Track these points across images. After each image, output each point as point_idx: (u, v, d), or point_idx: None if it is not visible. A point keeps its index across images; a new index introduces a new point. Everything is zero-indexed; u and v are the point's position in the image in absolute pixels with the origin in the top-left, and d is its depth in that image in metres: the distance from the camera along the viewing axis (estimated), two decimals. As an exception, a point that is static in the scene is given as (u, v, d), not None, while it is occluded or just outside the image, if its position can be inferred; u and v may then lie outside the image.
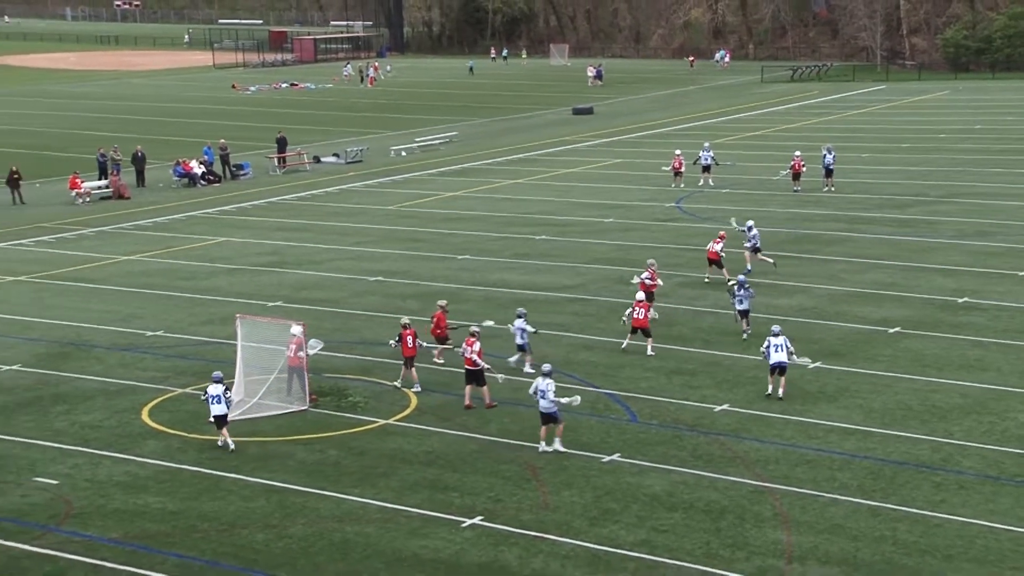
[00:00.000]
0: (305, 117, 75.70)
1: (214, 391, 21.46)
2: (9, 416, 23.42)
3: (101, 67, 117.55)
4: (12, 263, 36.90)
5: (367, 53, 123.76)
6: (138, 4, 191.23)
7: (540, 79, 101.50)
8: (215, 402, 21.43)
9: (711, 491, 19.63)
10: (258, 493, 19.72)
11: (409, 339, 24.45)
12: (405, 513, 18.96)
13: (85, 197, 47.64)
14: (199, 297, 32.46)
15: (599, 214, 43.32)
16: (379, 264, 35.99)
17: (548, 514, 18.87)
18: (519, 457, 21.10)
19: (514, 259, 36.21)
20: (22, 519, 18.86)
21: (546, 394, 21.08)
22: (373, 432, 22.41)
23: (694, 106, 79.13)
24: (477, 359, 23.32)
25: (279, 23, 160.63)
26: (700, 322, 29.40)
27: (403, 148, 60.33)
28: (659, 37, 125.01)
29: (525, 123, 72.70)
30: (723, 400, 23.86)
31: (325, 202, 47.06)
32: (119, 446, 21.78)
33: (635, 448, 21.44)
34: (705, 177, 48.48)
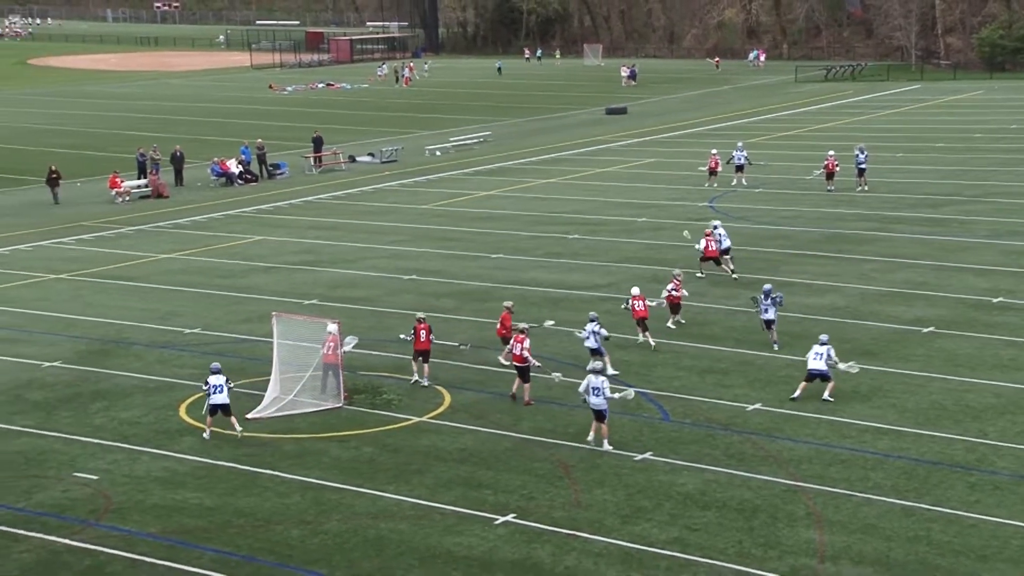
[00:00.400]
0: (341, 117, 75.97)
1: (215, 381, 21.73)
2: (50, 412, 23.64)
3: (141, 68, 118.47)
4: (53, 261, 37.24)
5: (402, 53, 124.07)
6: (177, 5, 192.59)
7: (574, 79, 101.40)
8: (216, 392, 21.70)
9: (744, 490, 19.53)
10: (293, 489, 19.80)
11: (422, 333, 24.46)
12: (439, 510, 18.99)
13: (125, 196, 48.01)
14: (236, 295, 32.64)
15: (631, 213, 43.21)
16: (413, 263, 36.06)
17: (581, 512, 18.84)
18: (552, 455, 21.09)
19: (546, 258, 36.18)
20: (62, 514, 19.03)
21: (601, 391, 20.99)
22: (407, 429, 22.46)
23: (727, 106, 78.78)
24: (527, 355, 23.32)
25: (315, 24, 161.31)
26: (732, 321, 29.26)
27: (438, 148, 60.41)
28: (693, 37, 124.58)
29: (559, 123, 72.63)
30: (756, 399, 23.74)
31: (360, 201, 47.21)
32: (157, 442, 21.93)
33: (668, 446, 21.37)
34: (738, 177, 48.26)
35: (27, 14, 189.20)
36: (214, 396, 21.77)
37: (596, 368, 21.46)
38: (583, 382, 21.44)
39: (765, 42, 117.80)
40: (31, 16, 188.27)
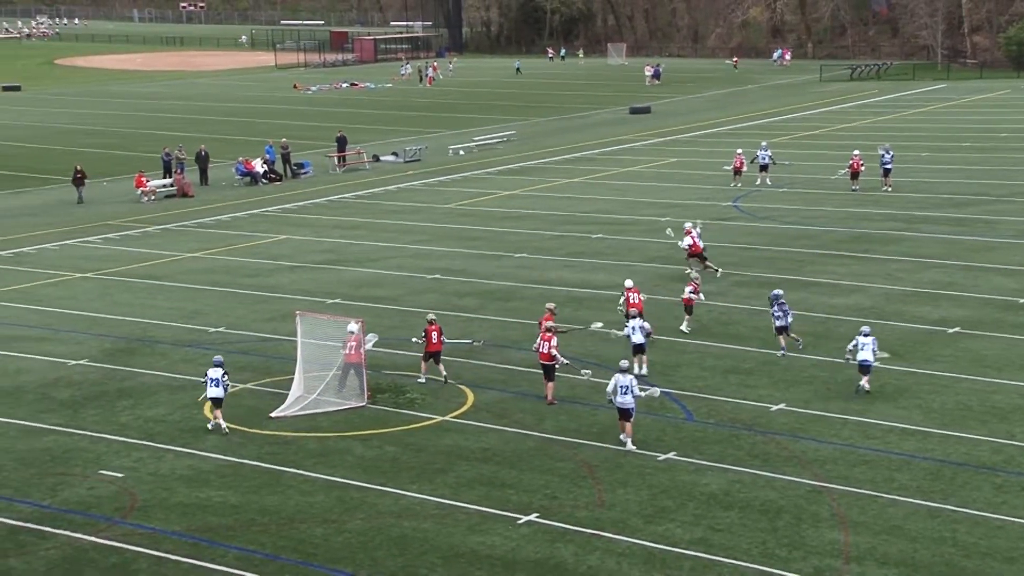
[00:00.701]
0: (365, 116, 76.13)
1: (214, 374, 22.19)
2: (77, 410, 23.78)
3: (166, 68, 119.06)
4: (80, 260, 37.47)
5: (426, 53, 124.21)
6: (203, 6, 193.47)
7: (597, 78, 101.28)
8: (213, 385, 22.14)
9: (768, 490, 19.45)
10: (317, 488, 19.85)
11: (433, 335, 24.57)
12: (462, 509, 18.99)
13: (150, 195, 48.25)
14: (260, 294, 32.75)
15: (655, 213, 43.11)
16: (437, 262, 36.10)
17: (604, 512, 18.81)
18: (575, 455, 21.06)
19: (570, 257, 36.14)
20: (88, 511, 19.14)
21: (630, 389, 21.03)
22: (430, 429, 22.48)
23: (752, 105, 78.52)
24: (555, 353, 23.35)
25: (340, 24, 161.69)
26: (757, 321, 29.14)
27: (461, 147, 60.46)
28: (717, 36, 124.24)
29: (582, 122, 72.56)
30: (780, 399, 23.64)
31: (384, 200, 47.29)
32: (182, 440, 22.02)
33: (691, 447, 21.31)
34: (763, 176, 48.10)
35: (54, 14, 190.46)
36: (210, 389, 22.24)
37: (624, 367, 21.46)
38: (611, 382, 21.39)
39: (790, 41, 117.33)
40: (58, 16, 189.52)
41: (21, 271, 35.96)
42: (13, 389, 25.04)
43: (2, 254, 38.29)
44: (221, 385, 22.21)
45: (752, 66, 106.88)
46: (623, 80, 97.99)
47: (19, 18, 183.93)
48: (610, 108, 79.09)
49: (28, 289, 33.71)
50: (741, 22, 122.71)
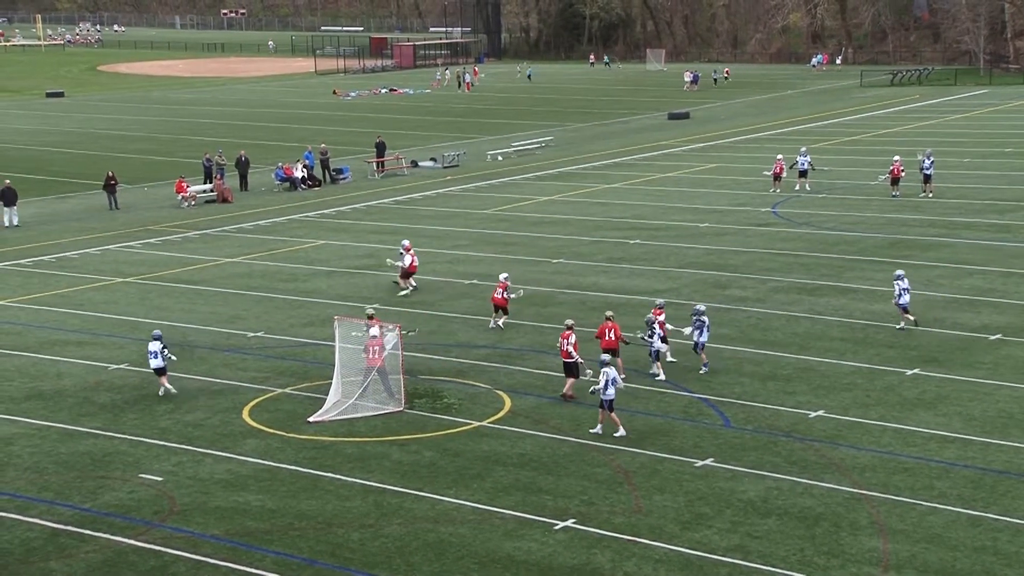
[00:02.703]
0: (403, 122, 76.40)
1: (153, 347, 24.51)
2: (117, 414, 23.99)
3: (207, 74, 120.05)
4: (121, 264, 37.82)
5: (465, 59, 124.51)
6: (243, 12, 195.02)
7: (636, 84, 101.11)
8: (152, 357, 24.52)
9: (806, 497, 19.32)
10: (355, 493, 19.92)
11: None
12: (499, 515, 18.99)
13: (190, 200, 48.64)
14: (299, 299, 32.92)
15: (694, 218, 42.97)
16: (474, 267, 36.15)
17: (641, 518, 18.75)
18: (612, 460, 21.02)
19: (607, 263, 36.08)
20: (128, 514, 19.30)
21: (617, 381, 21.88)
22: (467, 434, 22.50)
23: (792, 110, 78.12)
24: (572, 351, 23.54)
25: (379, 30, 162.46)
26: (795, 327, 28.98)
27: (500, 152, 60.52)
28: (757, 42, 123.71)
29: (621, 128, 72.46)
30: (818, 406, 23.48)
31: (422, 206, 47.42)
32: (221, 445, 22.17)
33: (729, 453, 21.21)
34: (802, 182, 47.82)
35: (97, 21, 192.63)
36: (151, 360, 24.61)
37: (606, 360, 22.15)
38: (601, 378, 21.86)
39: (830, 46, 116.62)
40: (101, 23, 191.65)
41: (64, 275, 36.37)
42: (54, 393, 25.31)
43: (46, 259, 38.72)
44: (160, 357, 24.45)
45: (792, 71, 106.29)
46: (662, 86, 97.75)
47: (63, 25, 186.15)
48: (649, 114, 78.94)
49: (70, 293, 34.07)
50: (781, 27, 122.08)
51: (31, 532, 18.70)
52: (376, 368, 23.77)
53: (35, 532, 18.70)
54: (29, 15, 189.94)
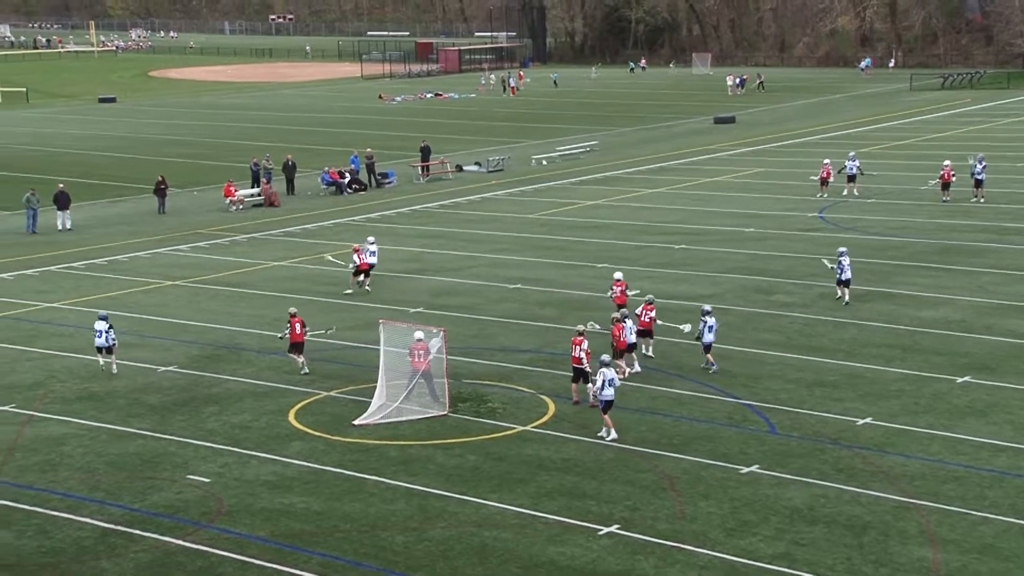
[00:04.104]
0: (448, 126, 76.61)
1: (99, 326, 26.62)
2: (165, 415, 24.22)
3: (256, 79, 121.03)
4: (170, 268, 38.20)
5: (510, 63, 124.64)
6: (291, 18, 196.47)
7: (682, 88, 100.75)
8: (97, 336, 26.59)
9: (853, 505, 19.14)
10: (399, 496, 19.97)
11: (297, 326, 26.37)
12: (542, 519, 18.97)
13: (238, 204, 49.02)
14: (344, 302, 33.08)
15: (739, 223, 42.74)
16: (517, 271, 36.15)
17: (685, 524, 18.65)
18: (656, 466, 20.93)
19: (652, 268, 35.95)
20: (176, 515, 19.47)
21: (615, 381, 21.98)
22: (511, 438, 22.50)
23: (840, 114, 77.51)
24: (584, 358, 23.70)
25: (425, 35, 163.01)
26: (842, 333, 28.74)
27: (544, 157, 60.51)
28: (804, 45, 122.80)
29: (666, 132, 72.22)
30: (866, 413, 23.26)
31: (466, 210, 47.51)
32: (267, 447, 22.31)
33: (774, 460, 21.05)
34: (850, 187, 47.42)
35: (149, 28, 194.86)
36: (97, 340, 26.61)
37: (606, 360, 22.19)
38: (598, 378, 21.99)
39: (879, 50, 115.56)
40: (152, 30, 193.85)
41: (114, 278, 36.78)
42: (105, 394, 25.60)
43: (97, 262, 39.18)
44: (104, 336, 26.47)
45: (840, 75, 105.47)
46: (707, 90, 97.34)
47: (116, 31, 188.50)
48: (695, 118, 78.62)
49: (121, 296, 34.45)
50: (829, 31, 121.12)
51: (82, 531, 18.92)
52: (421, 372, 23.83)
53: (86, 531, 18.92)
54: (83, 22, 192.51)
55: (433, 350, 23.95)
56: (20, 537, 18.76)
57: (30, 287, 35.77)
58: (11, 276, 37.27)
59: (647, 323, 26.57)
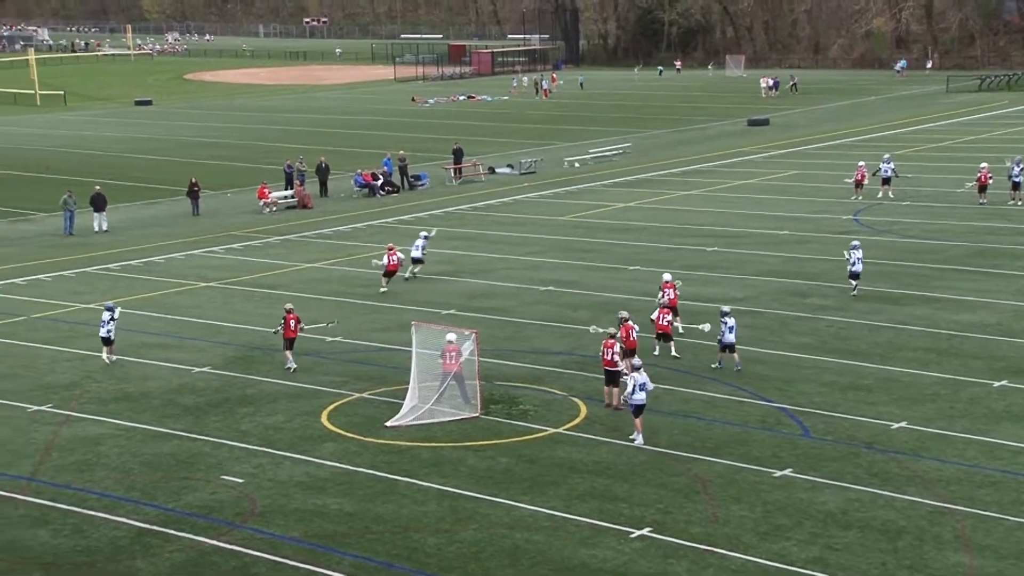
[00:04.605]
0: (481, 128, 76.70)
1: (104, 317, 27.62)
2: (200, 416, 24.38)
3: (290, 81, 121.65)
4: (204, 269, 38.45)
5: (543, 66, 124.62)
6: (325, 21, 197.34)
7: (715, 90, 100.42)
8: (102, 325, 27.63)
9: (888, 510, 19.00)
10: (430, 497, 20.01)
11: (291, 323, 26.72)
12: (574, 522, 18.95)
13: (272, 206, 49.28)
14: (376, 304, 33.19)
15: (773, 226, 42.54)
16: (550, 274, 36.14)
17: (718, 527, 18.59)
18: (688, 469, 20.87)
19: (684, 270, 35.82)
20: (210, 515, 19.60)
21: (646, 385, 21.84)
22: (543, 440, 22.49)
23: (875, 117, 77.00)
24: (617, 360, 23.60)
25: (458, 37, 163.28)
26: (877, 337, 28.54)
27: (577, 159, 60.47)
28: (839, 47, 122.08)
29: (699, 134, 72.00)
30: (901, 417, 23.09)
31: (498, 212, 47.54)
32: (300, 448, 22.41)
33: (808, 464, 20.94)
34: (885, 190, 47.10)
35: (184, 31, 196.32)
36: (100, 329, 27.68)
37: (637, 364, 22.11)
38: (628, 382, 21.93)
39: (915, 51, 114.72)
40: (188, 33, 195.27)
41: (149, 280, 37.07)
42: (140, 395, 25.80)
43: (133, 263, 39.50)
44: (105, 327, 27.43)
45: (875, 77, 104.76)
46: (741, 92, 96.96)
47: (152, 35, 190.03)
48: (728, 120, 78.34)
49: (155, 297, 34.72)
50: (864, 32, 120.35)
51: (118, 531, 19.08)
52: (453, 373, 23.87)
53: (122, 531, 19.07)
54: (120, 25, 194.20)
55: (465, 352, 23.98)
56: (57, 536, 18.94)
57: (67, 288, 36.12)
58: (49, 277, 37.64)
59: (665, 326, 26.92)
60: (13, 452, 22.57)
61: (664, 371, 25.35)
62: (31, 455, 22.38)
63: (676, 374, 25.81)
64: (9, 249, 42.61)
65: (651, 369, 24.73)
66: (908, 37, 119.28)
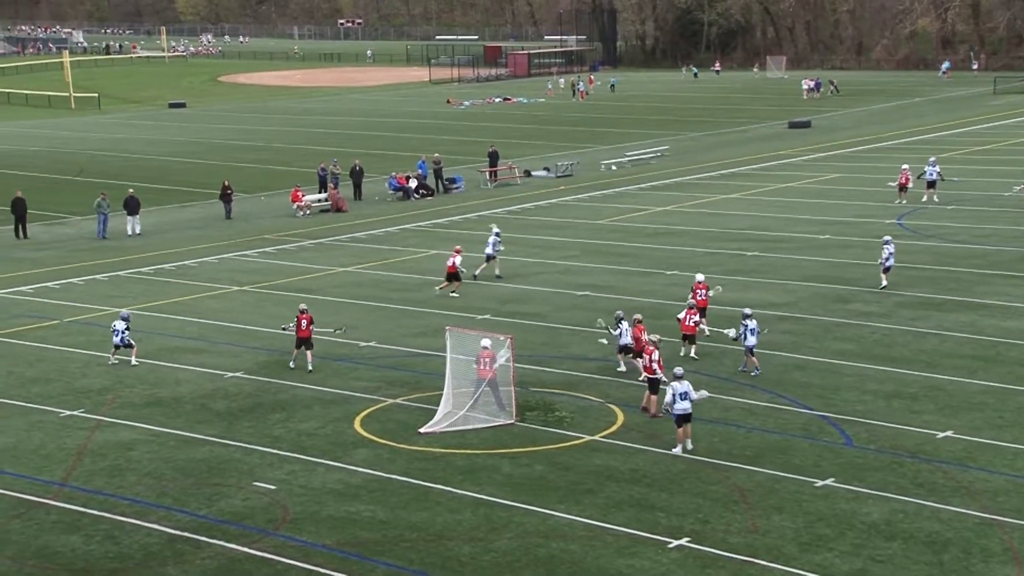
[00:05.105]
0: (517, 131, 76.70)
1: (118, 326, 28.26)
2: (232, 422, 24.47)
3: (324, 83, 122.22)
4: (237, 273, 38.65)
5: (580, 67, 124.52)
6: (360, 22, 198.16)
7: (755, 92, 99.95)
8: (115, 334, 28.19)
9: (933, 522, 18.78)
10: (465, 505, 19.98)
11: (303, 322, 27.28)
12: (611, 531, 18.86)
13: (306, 209, 49.48)
14: (410, 309, 33.22)
15: (814, 230, 42.25)
16: (586, 278, 36.05)
17: (757, 538, 18.43)
18: (728, 478, 20.72)
19: (723, 275, 35.62)
20: (242, 522, 19.64)
21: (688, 395, 21.64)
22: (579, 448, 22.41)
23: (919, 119, 76.36)
24: (657, 368, 23.59)
25: (494, 38, 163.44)
26: (922, 344, 28.25)
27: (614, 162, 60.34)
28: (883, 48, 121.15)
29: (739, 137, 71.67)
30: (947, 426, 22.83)
31: (535, 216, 47.49)
32: (332, 454, 22.44)
33: (851, 473, 20.74)
34: (930, 193, 46.66)
35: (219, 33, 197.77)
36: (114, 337, 28.25)
37: (679, 373, 21.95)
38: (667, 392, 21.81)
39: (960, 52, 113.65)
40: (223, 34, 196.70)
41: (183, 283, 37.30)
42: (172, 400, 25.94)
43: (166, 267, 39.77)
44: (119, 335, 28.08)
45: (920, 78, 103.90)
46: (782, 94, 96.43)
47: (186, 36, 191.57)
48: (768, 122, 77.95)
49: (189, 301, 34.92)
50: (909, 33, 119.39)
51: (150, 537, 19.17)
52: (487, 380, 23.84)
53: (153, 537, 19.16)
54: (155, 27, 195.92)
55: (500, 358, 23.94)
56: (89, 542, 19.06)
57: (100, 292, 36.41)
58: (81, 281, 37.97)
59: (691, 327, 27.19)
60: (45, 457, 22.75)
61: (702, 377, 25.18)
62: (63, 460, 22.55)
63: (715, 380, 25.65)
64: (43, 252, 43.03)
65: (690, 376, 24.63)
66: (954, 37, 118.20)
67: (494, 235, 36.51)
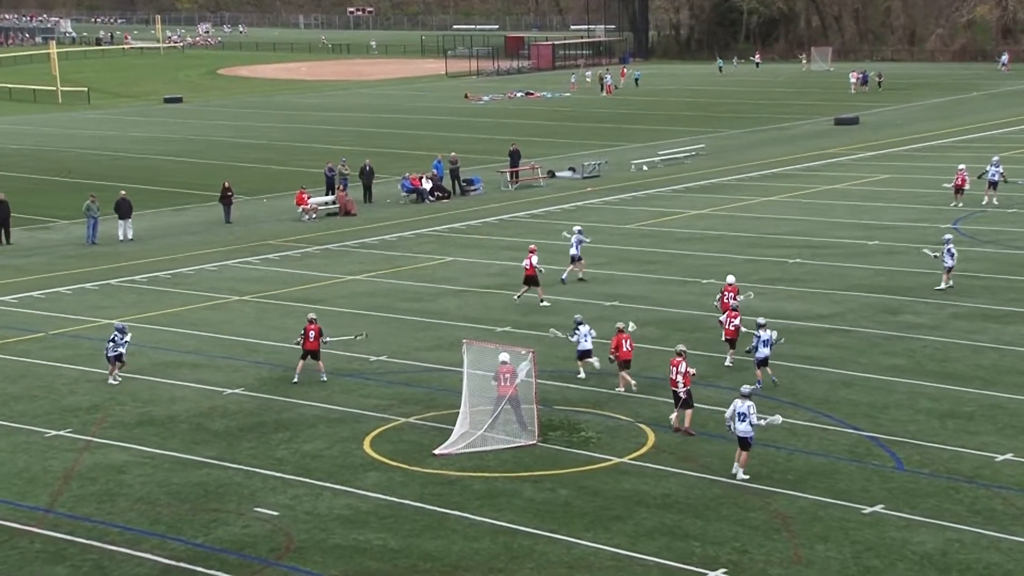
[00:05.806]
0: (540, 128, 76.87)
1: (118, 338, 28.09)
2: (232, 442, 24.57)
3: (332, 77, 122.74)
4: (238, 282, 38.83)
5: (608, 59, 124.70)
6: (371, 11, 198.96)
7: (799, 86, 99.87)
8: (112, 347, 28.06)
9: (992, 552, 18.73)
10: (483, 533, 20.02)
11: (311, 333, 27.57)
12: (640, 561, 18.87)
13: (311, 213, 49.68)
14: (425, 320, 33.32)
15: (862, 235, 42.19)
16: (615, 287, 36.09)
17: (801, 569, 18.42)
18: (768, 504, 20.71)
19: (763, 284, 35.62)
20: (242, 551, 19.72)
21: (747, 417, 21.51)
22: (606, 471, 22.43)
23: (977, 115, 76.19)
24: (681, 381, 23.85)
25: (516, 28, 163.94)
26: (980, 359, 28.18)
27: (645, 162, 60.41)
28: (937, 38, 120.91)
29: (781, 134, 71.65)
30: (1007, 448, 22.77)
31: (559, 220, 47.54)
32: (340, 477, 22.52)
33: (902, 499, 20.71)
34: (990, 195, 46.56)
35: (218, 22, 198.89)
36: (109, 349, 28.15)
37: (745, 392, 21.78)
38: (729, 407, 21.80)
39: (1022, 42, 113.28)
40: (223, 24, 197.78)
41: (178, 293, 37.51)
42: (167, 419, 26.08)
43: (161, 275, 39.97)
44: (117, 348, 27.95)
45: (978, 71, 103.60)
46: (827, 88, 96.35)
47: (183, 26, 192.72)
48: (813, 118, 77.89)
49: (184, 312, 35.11)
50: (966, 21, 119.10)
51: (141, 568, 19.25)
52: (508, 397, 23.89)
53: (145, 568, 19.24)
54: (149, 16, 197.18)
55: (521, 374, 23.98)
56: (75, 573, 19.15)
57: (90, 302, 36.65)
58: (69, 290, 38.22)
59: (732, 331, 27.64)
60: (29, 481, 22.90)
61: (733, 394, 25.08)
62: (49, 484, 22.68)
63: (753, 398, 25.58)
64: (28, 260, 43.35)
65: (723, 393, 24.61)
66: (1015, 26, 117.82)
67: (577, 233, 36.77)
